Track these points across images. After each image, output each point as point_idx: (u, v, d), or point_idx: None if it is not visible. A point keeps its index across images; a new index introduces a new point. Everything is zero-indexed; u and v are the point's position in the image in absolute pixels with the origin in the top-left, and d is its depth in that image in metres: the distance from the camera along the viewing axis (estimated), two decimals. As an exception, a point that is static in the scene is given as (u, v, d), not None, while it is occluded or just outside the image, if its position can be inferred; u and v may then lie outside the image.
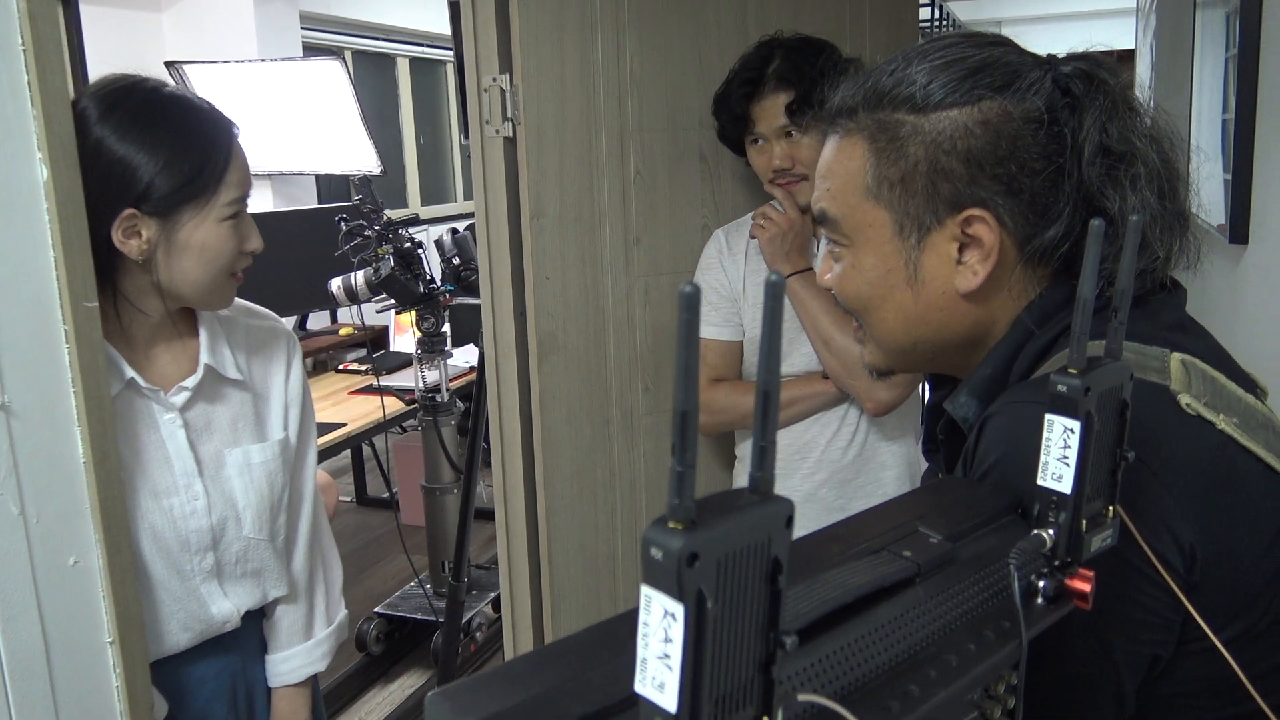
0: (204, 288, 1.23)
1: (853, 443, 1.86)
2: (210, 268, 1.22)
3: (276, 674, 1.43)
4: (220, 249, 1.21)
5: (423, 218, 3.96)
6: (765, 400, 0.39)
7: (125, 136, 1.14)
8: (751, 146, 1.81)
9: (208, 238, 1.20)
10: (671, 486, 0.37)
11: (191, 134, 1.18)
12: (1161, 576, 0.68)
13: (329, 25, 5.73)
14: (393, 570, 4.02)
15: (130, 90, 1.17)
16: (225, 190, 1.20)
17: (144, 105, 1.17)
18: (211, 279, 1.23)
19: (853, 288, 0.86)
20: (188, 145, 1.17)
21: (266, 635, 1.43)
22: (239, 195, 1.22)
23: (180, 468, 1.26)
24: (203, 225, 1.19)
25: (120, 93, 1.16)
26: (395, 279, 2.97)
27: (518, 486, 1.99)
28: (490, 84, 1.85)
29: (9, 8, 1.00)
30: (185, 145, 1.17)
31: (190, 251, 1.19)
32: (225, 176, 1.20)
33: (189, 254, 1.19)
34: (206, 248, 1.20)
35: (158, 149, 1.15)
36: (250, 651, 1.41)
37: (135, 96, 1.17)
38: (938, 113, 0.79)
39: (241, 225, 1.24)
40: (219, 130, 1.21)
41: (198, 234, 1.19)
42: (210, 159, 1.18)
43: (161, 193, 1.15)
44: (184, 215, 1.18)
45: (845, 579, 0.57)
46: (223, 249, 1.22)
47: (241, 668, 1.39)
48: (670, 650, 0.38)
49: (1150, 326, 0.77)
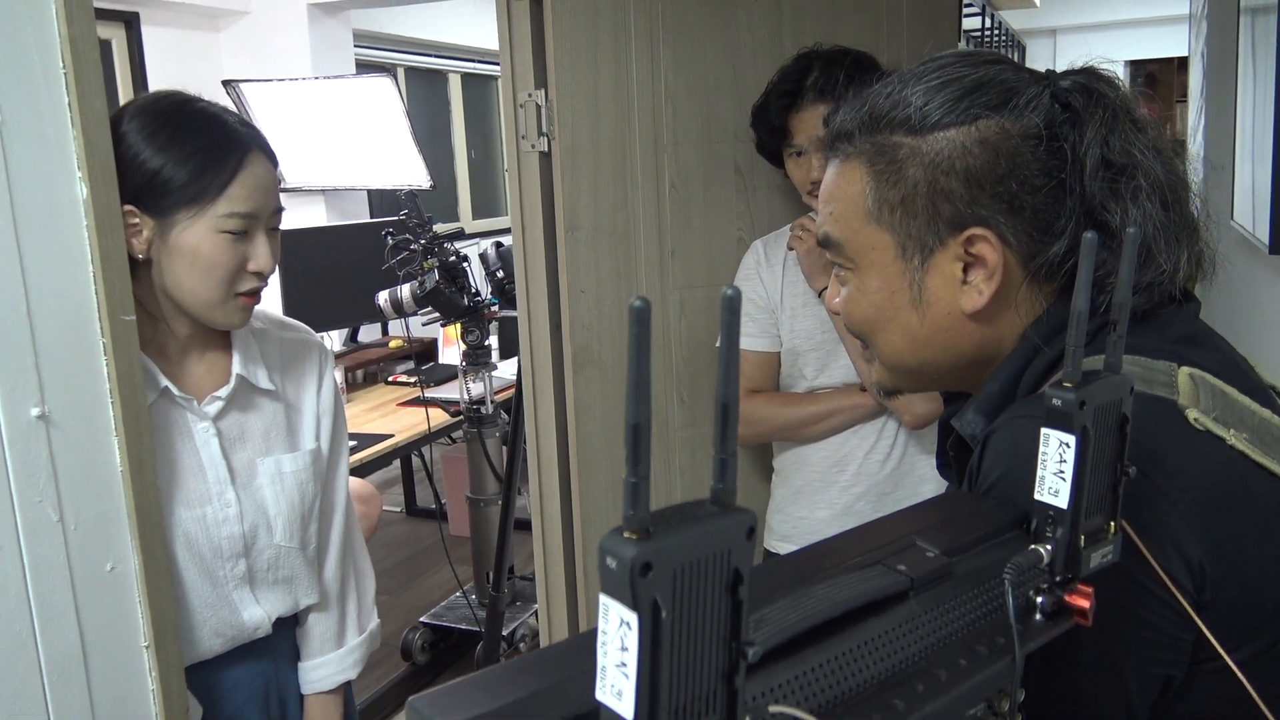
0: (201, 300, 1.23)
1: (890, 456, 1.84)
2: (205, 278, 1.21)
3: (309, 681, 1.45)
4: (215, 260, 1.21)
5: (474, 231, 4.01)
6: (724, 413, 0.40)
7: (140, 136, 1.18)
8: (790, 158, 1.81)
9: (201, 245, 1.20)
10: (626, 497, 0.38)
11: (200, 141, 1.20)
12: (1170, 595, 0.67)
13: (382, 43, 5.83)
14: (439, 580, 4.06)
15: (162, 98, 1.22)
16: (226, 201, 1.20)
17: (166, 111, 1.20)
18: (208, 292, 1.22)
19: (859, 310, 0.86)
20: (193, 151, 1.19)
21: (299, 643, 1.45)
22: (245, 211, 1.21)
23: (213, 476, 1.29)
24: (194, 231, 1.19)
25: (153, 99, 1.21)
26: (440, 292, 3.01)
27: (554, 498, 2.00)
28: (526, 99, 1.87)
29: (50, 33, 1.04)
30: (190, 150, 1.19)
31: (183, 256, 1.20)
32: (228, 189, 1.20)
33: (181, 259, 1.20)
34: (199, 255, 1.20)
35: (165, 151, 1.17)
36: (283, 658, 1.43)
37: (162, 103, 1.21)
38: (935, 133, 0.79)
39: (248, 243, 1.24)
40: (231, 143, 1.22)
41: (190, 239, 1.19)
42: (213, 167, 1.19)
43: (159, 192, 1.17)
44: (178, 218, 1.19)
45: (835, 592, 0.57)
46: (218, 260, 1.21)
47: (274, 674, 1.41)
48: (626, 659, 0.38)
49: (1158, 340, 0.76)
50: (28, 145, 1.03)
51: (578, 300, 1.91)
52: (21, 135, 1.03)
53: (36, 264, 1.05)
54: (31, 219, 1.04)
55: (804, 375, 1.84)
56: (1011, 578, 0.59)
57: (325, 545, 1.44)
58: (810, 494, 1.86)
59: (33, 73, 1.03)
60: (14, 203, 1.03)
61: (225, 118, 1.24)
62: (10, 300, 1.03)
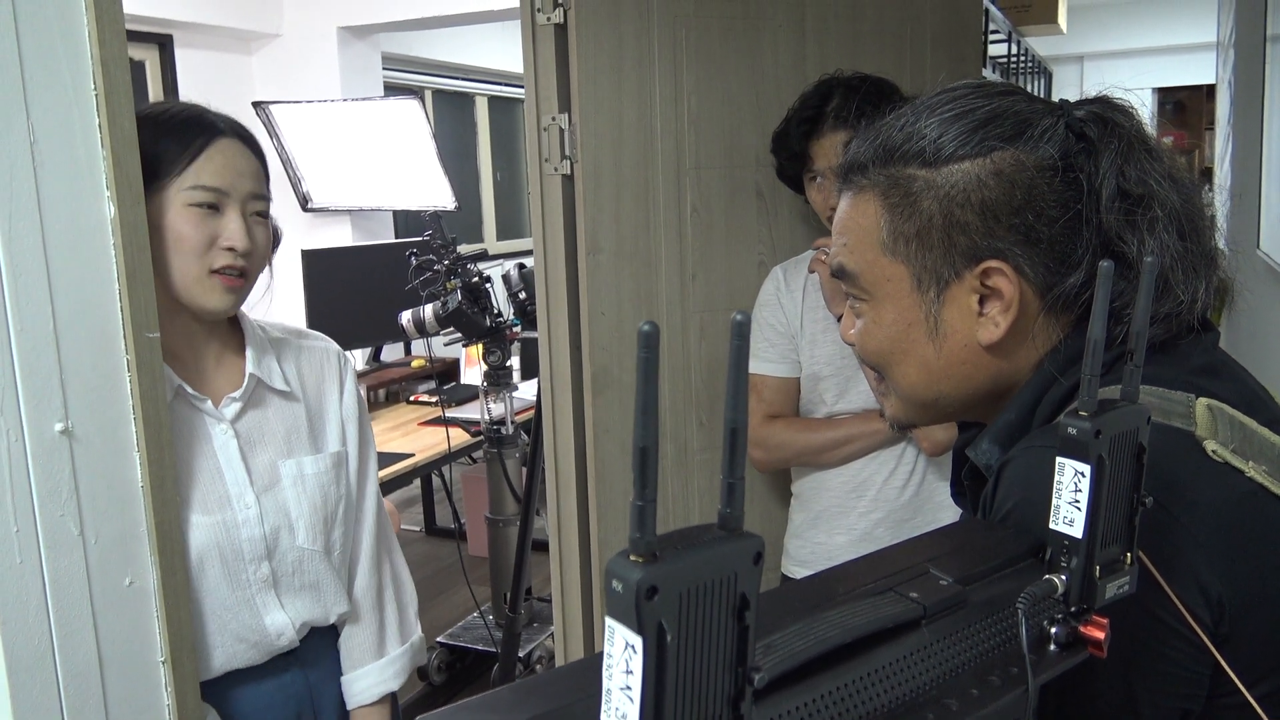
0: (179, 278, 1.24)
1: (910, 482, 1.83)
2: (177, 253, 1.23)
3: (351, 694, 1.44)
4: (183, 232, 1.22)
5: (499, 253, 4.03)
6: (732, 437, 0.40)
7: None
8: (810, 184, 1.82)
9: (167, 217, 1.22)
10: (632, 520, 0.38)
11: (173, 125, 1.23)
12: (1188, 628, 0.66)
13: (410, 66, 5.90)
14: (458, 600, 4.06)
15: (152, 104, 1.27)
16: (192, 174, 1.22)
17: (151, 108, 1.24)
18: (183, 267, 1.24)
19: (874, 343, 0.86)
20: (161, 133, 1.22)
21: (341, 656, 1.45)
22: (212, 185, 1.23)
23: (232, 478, 1.29)
24: (161, 203, 1.22)
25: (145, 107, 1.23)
26: (462, 313, 3.03)
27: (571, 519, 2.00)
28: (550, 123, 1.89)
29: (83, 55, 1.06)
30: (159, 133, 1.22)
31: (156, 232, 1.21)
32: (195, 162, 1.23)
33: (155, 234, 1.21)
34: (168, 228, 1.22)
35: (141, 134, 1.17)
36: (318, 672, 1.42)
37: (149, 105, 1.26)
38: (949, 166, 0.79)
39: (219, 220, 1.25)
40: (201, 124, 1.25)
41: (156, 211, 1.21)
42: (179, 143, 1.22)
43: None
44: (148, 193, 1.19)
45: (846, 619, 0.57)
46: (184, 232, 1.23)
47: (308, 690, 1.40)
48: (631, 682, 0.38)
49: (1176, 371, 0.75)
50: (59, 164, 1.05)
51: (598, 322, 1.91)
52: (53, 155, 1.05)
53: (64, 281, 1.07)
54: (60, 237, 1.06)
55: (824, 400, 1.84)
56: (1025, 607, 0.59)
57: (357, 553, 1.44)
58: (829, 519, 1.85)
59: (65, 93, 1.05)
60: (44, 220, 1.04)
61: (204, 110, 1.28)
62: (38, 316, 1.05)
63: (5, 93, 1.00)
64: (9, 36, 1.01)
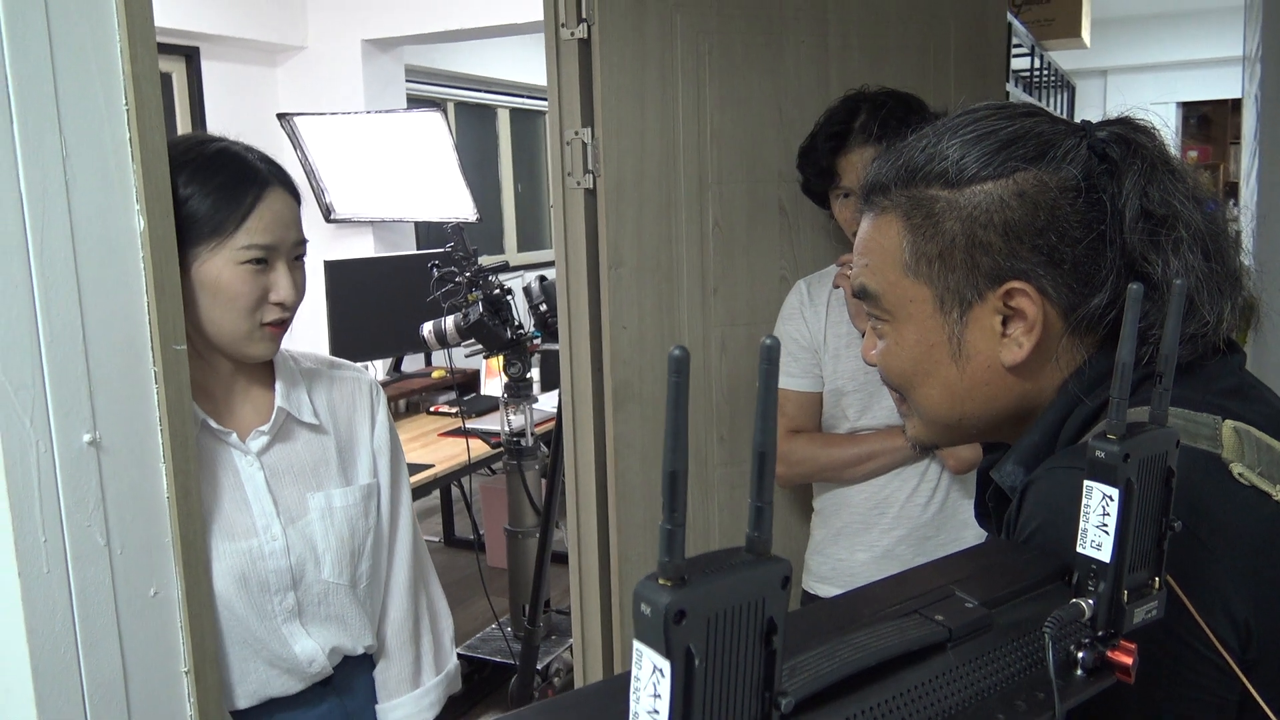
0: (227, 332, 1.26)
1: (933, 499, 1.82)
2: (229, 310, 1.24)
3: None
4: (238, 290, 1.24)
5: (518, 264, 4.04)
6: (761, 461, 0.40)
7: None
8: (837, 199, 1.82)
9: (222, 276, 1.23)
10: (661, 544, 0.38)
11: (217, 178, 1.23)
12: (1216, 653, 0.66)
13: (433, 78, 5.93)
14: (476, 611, 4.06)
15: (182, 141, 1.25)
16: (245, 234, 1.23)
17: (186, 152, 1.23)
18: (234, 323, 1.25)
19: (897, 364, 0.86)
20: (210, 188, 1.22)
21: (376, 686, 1.44)
22: (264, 243, 1.24)
23: (259, 509, 1.29)
24: (214, 264, 1.23)
25: (176, 144, 1.23)
26: (483, 324, 3.04)
27: (591, 533, 2.00)
28: (573, 137, 1.89)
29: (115, 70, 1.08)
30: (208, 188, 1.22)
31: (206, 289, 1.23)
32: (246, 221, 1.23)
33: (205, 291, 1.23)
34: (222, 287, 1.23)
35: (186, 188, 1.20)
36: (355, 700, 1.42)
37: (182, 145, 1.24)
38: (972, 187, 0.79)
39: (269, 274, 1.27)
40: (248, 179, 1.25)
41: (211, 271, 1.23)
42: (230, 202, 1.23)
43: (181, 228, 1.19)
44: (199, 251, 1.22)
45: (871, 641, 0.57)
46: (240, 290, 1.24)
47: (345, 718, 1.40)
48: (659, 706, 0.39)
49: (1202, 393, 0.74)
50: (90, 178, 1.07)
51: (619, 336, 1.91)
52: (84, 168, 1.06)
53: (94, 293, 1.08)
54: (90, 249, 1.07)
55: (846, 416, 1.83)
56: (1052, 631, 0.59)
57: (391, 584, 1.44)
58: (850, 536, 1.85)
59: (97, 108, 1.07)
60: (74, 233, 1.06)
61: (245, 155, 1.28)
62: (68, 328, 1.06)
63: (38, 108, 1.02)
64: (43, 53, 1.02)
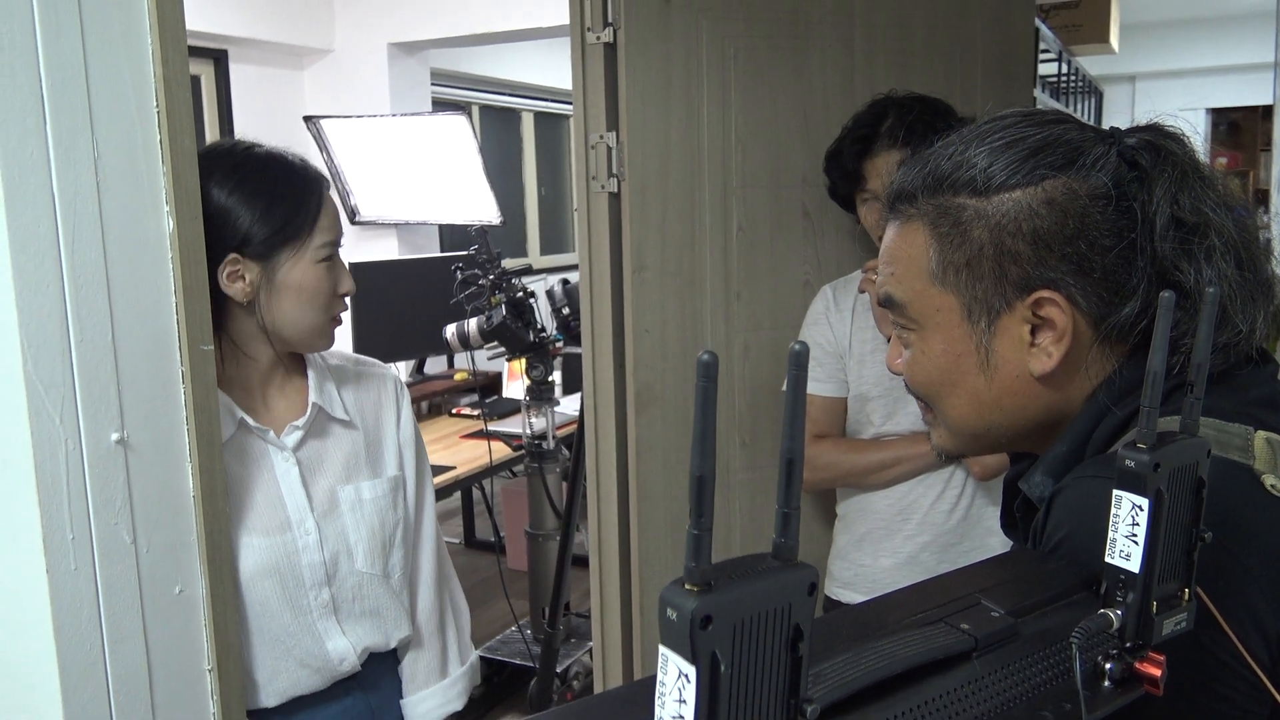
0: (304, 328, 1.32)
1: (957, 506, 1.81)
2: (309, 307, 1.31)
3: (415, 716, 1.46)
4: (317, 289, 1.31)
5: (541, 267, 4.05)
6: (789, 468, 0.40)
7: (225, 189, 1.25)
8: (863, 204, 1.81)
9: (304, 278, 1.29)
10: (688, 549, 0.38)
11: (285, 184, 1.29)
12: (1246, 667, 0.65)
13: (458, 81, 5.96)
14: (496, 614, 4.06)
15: (230, 150, 1.29)
16: (318, 234, 1.30)
17: (242, 161, 1.28)
18: (311, 319, 1.31)
19: (923, 373, 0.85)
20: (281, 194, 1.28)
21: (403, 679, 1.47)
22: (331, 239, 1.32)
23: (293, 504, 1.32)
24: (299, 266, 1.29)
25: (221, 152, 1.28)
26: (506, 327, 3.04)
27: (612, 536, 2.00)
28: (597, 141, 1.90)
29: (146, 74, 1.09)
30: (279, 194, 1.28)
31: (289, 291, 1.29)
32: (318, 221, 1.30)
33: (288, 294, 1.29)
34: (304, 287, 1.29)
35: (255, 198, 1.26)
36: (379, 695, 1.43)
37: (235, 154, 1.29)
38: (1000, 195, 0.78)
39: (335, 268, 1.33)
40: (310, 182, 1.32)
41: (295, 274, 1.29)
42: (303, 206, 1.29)
43: (260, 237, 1.26)
44: (281, 257, 1.28)
45: (897, 649, 0.57)
46: (319, 289, 1.31)
47: (370, 713, 1.42)
48: (684, 711, 0.38)
49: (1234, 403, 0.73)
50: (121, 180, 1.08)
51: (642, 340, 1.91)
52: (116, 170, 1.07)
53: (123, 293, 1.09)
54: (120, 250, 1.08)
55: (871, 421, 1.82)
56: (1079, 642, 0.58)
57: (417, 576, 1.47)
58: (874, 542, 1.84)
59: (128, 111, 1.08)
60: (105, 234, 1.07)
61: (290, 159, 1.33)
62: (98, 328, 1.07)
63: (71, 110, 1.03)
64: (76, 55, 1.03)
